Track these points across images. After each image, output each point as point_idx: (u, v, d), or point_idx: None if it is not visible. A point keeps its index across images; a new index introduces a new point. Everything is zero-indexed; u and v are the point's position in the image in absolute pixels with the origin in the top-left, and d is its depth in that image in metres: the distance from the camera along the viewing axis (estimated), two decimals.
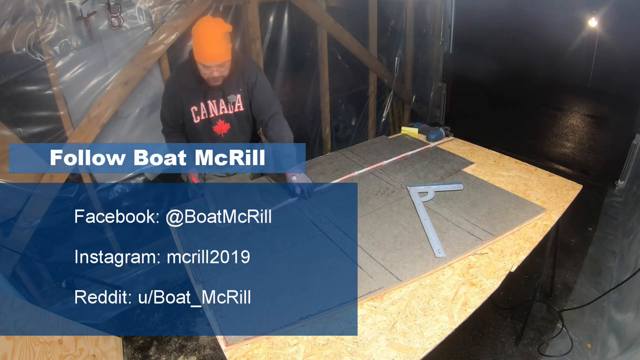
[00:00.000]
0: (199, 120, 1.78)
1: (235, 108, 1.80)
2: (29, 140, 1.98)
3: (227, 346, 1.07)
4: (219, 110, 1.79)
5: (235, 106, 1.80)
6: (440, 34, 3.86)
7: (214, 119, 1.80)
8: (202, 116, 1.78)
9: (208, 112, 1.78)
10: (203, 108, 1.76)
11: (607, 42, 3.03)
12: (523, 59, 3.58)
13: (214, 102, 1.76)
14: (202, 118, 1.78)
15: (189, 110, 1.76)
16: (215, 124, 1.81)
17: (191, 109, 1.76)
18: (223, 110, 1.79)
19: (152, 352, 2.06)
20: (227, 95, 1.76)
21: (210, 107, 1.77)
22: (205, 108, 1.77)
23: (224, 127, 1.83)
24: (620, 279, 2.11)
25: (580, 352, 1.87)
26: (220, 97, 1.76)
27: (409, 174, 1.95)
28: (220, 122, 1.81)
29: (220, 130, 1.83)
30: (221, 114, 1.80)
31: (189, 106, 1.75)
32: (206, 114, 1.78)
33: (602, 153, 3.47)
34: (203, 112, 1.77)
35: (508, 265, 1.33)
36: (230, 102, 1.78)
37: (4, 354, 1.41)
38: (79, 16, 1.89)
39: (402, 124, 3.95)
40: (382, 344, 1.06)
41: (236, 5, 2.45)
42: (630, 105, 3.05)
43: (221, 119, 1.81)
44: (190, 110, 1.76)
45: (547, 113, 3.74)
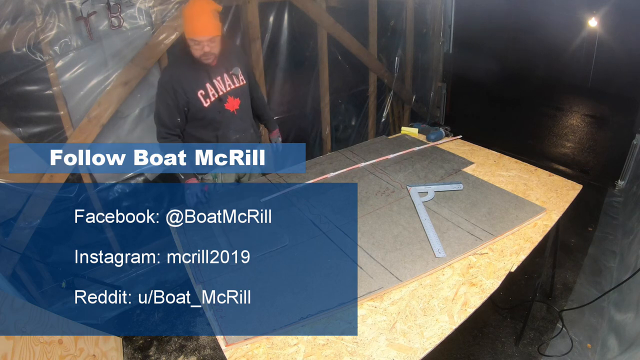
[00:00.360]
0: (209, 103, 1.77)
1: (239, 81, 1.84)
2: (29, 140, 1.98)
3: (227, 346, 1.07)
4: (226, 86, 1.80)
5: (239, 79, 1.84)
6: (440, 34, 3.86)
7: (224, 96, 1.80)
8: (211, 97, 1.77)
9: (216, 90, 1.78)
10: (210, 88, 1.76)
11: (607, 42, 3.03)
12: (523, 59, 3.58)
13: (218, 79, 1.77)
14: (211, 100, 1.77)
15: (195, 97, 1.74)
16: (225, 101, 1.81)
17: (198, 94, 1.74)
18: (230, 86, 1.81)
19: (152, 352, 2.06)
20: (230, 70, 1.80)
21: (217, 85, 1.77)
22: (212, 88, 1.77)
23: (235, 103, 1.84)
24: (620, 279, 2.10)
25: (580, 352, 1.87)
26: (223, 72, 1.78)
27: (409, 174, 1.95)
28: (230, 98, 1.82)
29: (232, 107, 1.83)
30: (229, 90, 1.81)
31: (195, 92, 1.74)
32: (215, 94, 1.78)
33: (602, 153, 3.47)
34: (211, 92, 1.77)
35: (508, 265, 1.33)
36: (234, 74, 1.81)
37: (4, 354, 1.41)
38: (79, 16, 1.89)
39: (402, 124, 3.95)
40: (382, 344, 1.06)
41: (236, 5, 2.45)
42: (630, 105, 3.05)
43: (230, 95, 1.81)
44: (197, 95, 1.74)
45: (547, 113, 3.74)
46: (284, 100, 2.97)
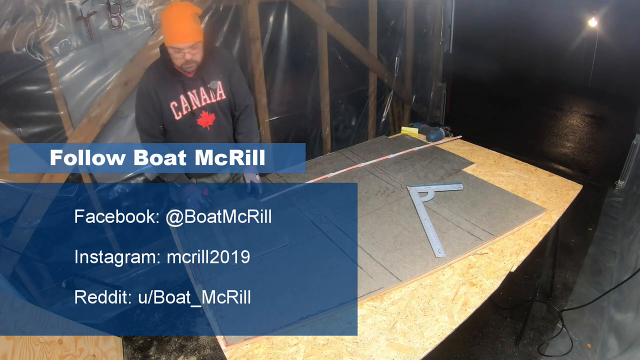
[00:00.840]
0: (181, 117, 1.67)
1: (217, 96, 1.70)
2: (29, 140, 1.98)
3: (227, 346, 1.07)
4: (201, 100, 1.68)
5: (217, 94, 1.70)
6: (440, 34, 3.86)
7: (197, 111, 1.68)
8: (183, 111, 1.66)
9: (190, 104, 1.66)
10: (184, 101, 1.65)
11: (607, 42, 3.03)
12: (523, 59, 3.58)
13: (194, 92, 1.65)
14: (183, 113, 1.67)
15: (167, 107, 1.64)
16: (199, 116, 1.69)
17: (170, 105, 1.64)
18: (205, 100, 1.69)
19: (152, 352, 2.06)
20: (208, 83, 1.67)
21: (191, 98, 1.66)
22: (186, 101, 1.65)
23: (209, 119, 1.72)
24: (620, 279, 2.10)
25: (580, 352, 1.87)
26: (200, 85, 1.66)
27: (409, 174, 1.95)
28: (204, 113, 1.70)
29: (205, 123, 1.72)
30: (204, 105, 1.69)
31: (168, 103, 1.64)
32: (188, 107, 1.66)
33: (602, 153, 3.47)
34: (184, 105, 1.66)
35: (508, 265, 1.33)
36: (212, 88, 1.67)
37: (4, 354, 1.41)
38: (79, 16, 1.89)
39: (402, 124, 3.94)
40: (382, 344, 1.06)
41: (236, 5, 2.45)
42: (630, 105, 3.05)
43: (205, 110, 1.70)
44: (169, 107, 1.64)
45: (547, 113, 3.74)
46: (284, 100, 2.96)
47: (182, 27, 1.50)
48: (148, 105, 1.65)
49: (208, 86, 1.67)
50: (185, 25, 1.50)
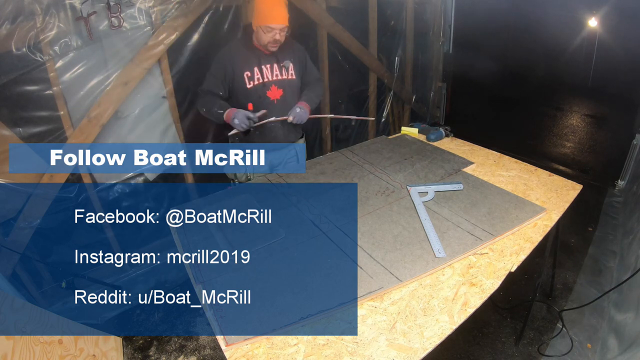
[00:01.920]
0: (252, 85, 1.86)
1: (288, 75, 1.90)
2: (29, 140, 1.98)
3: (227, 346, 1.07)
4: (273, 75, 1.88)
5: (289, 73, 1.90)
6: (440, 34, 3.86)
7: (268, 84, 1.88)
8: (255, 81, 1.86)
9: (262, 76, 1.86)
10: (257, 72, 1.85)
11: (607, 42, 3.03)
12: (523, 59, 3.58)
13: (267, 66, 1.86)
14: (255, 83, 1.86)
15: (241, 75, 1.84)
16: (269, 88, 1.89)
17: (244, 74, 1.84)
18: (277, 76, 1.89)
19: (152, 352, 2.06)
20: (281, 62, 1.86)
21: (264, 72, 1.86)
22: (259, 72, 1.86)
23: (277, 93, 1.91)
24: (620, 279, 2.10)
25: (580, 352, 1.87)
26: (274, 62, 1.87)
27: (409, 174, 1.95)
28: (274, 87, 1.89)
29: (273, 96, 1.90)
30: (275, 79, 1.89)
31: (242, 71, 1.83)
32: (260, 79, 1.86)
33: (602, 153, 3.46)
34: (257, 76, 1.86)
35: (508, 265, 1.33)
36: (284, 67, 1.88)
37: (4, 354, 1.41)
38: (79, 16, 1.89)
39: (402, 124, 3.94)
40: (382, 344, 1.06)
41: (236, 5, 2.45)
42: (630, 105, 3.05)
43: (274, 85, 1.89)
44: (243, 75, 1.84)
45: (547, 113, 3.74)
46: None
47: (279, 11, 1.77)
48: (220, 74, 1.86)
49: (281, 64, 1.89)
50: (281, 9, 1.78)
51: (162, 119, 2.39)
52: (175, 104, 2.40)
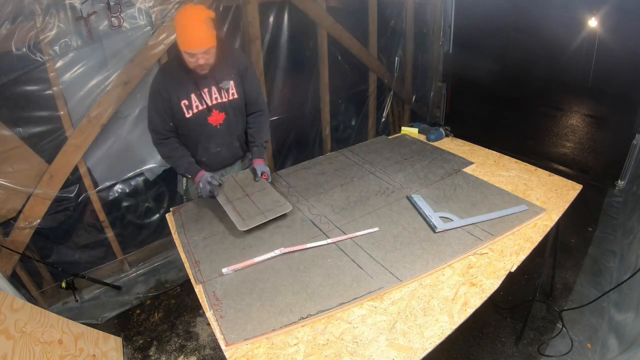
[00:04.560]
0: (191, 114, 1.67)
1: (229, 95, 1.72)
2: (29, 140, 1.98)
3: (227, 346, 1.07)
4: (212, 99, 1.69)
5: (230, 93, 1.72)
6: (440, 34, 3.86)
7: (208, 110, 1.70)
8: (194, 109, 1.67)
9: (200, 102, 1.67)
10: (195, 99, 1.66)
11: (607, 42, 3.03)
12: (523, 59, 3.58)
13: (205, 91, 1.66)
14: (194, 111, 1.68)
15: (178, 105, 1.65)
16: (210, 114, 1.71)
17: (181, 104, 1.65)
18: (217, 99, 1.70)
19: (152, 352, 2.06)
20: (220, 83, 1.68)
21: (203, 96, 1.67)
22: (197, 99, 1.66)
23: (219, 117, 1.74)
24: (620, 279, 2.10)
25: (580, 352, 1.87)
26: (212, 84, 1.67)
27: (409, 174, 1.94)
28: (215, 112, 1.71)
29: (215, 121, 1.74)
30: (215, 103, 1.70)
31: (179, 101, 1.64)
32: (199, 106, 1.68)
33: (602, 153, 3.47)
34: (195, 103, 1.67)
35: (508, 265, 1.33)
36: (223, 88, 1.69)
37: (4, 354, 1.41)
38: (79, 16, 1.89)
39: (402, 124, 3.95)
40: (382, 344, 1.06)
41: (236, 5, 2.45)
42: (630, 105, 3.05)
43: (215, 109, 1.71)
44: (180, 105, 1.65)
45: (547, 113, 3.74)
46: (284, 100, 2.97)
47: (196, 33, 1.49)
48: (159, 105, 1.65)
49: (220, 85, 1.68)
50: (199, 31, 1.49)
51: None
52: None
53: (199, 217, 1.71)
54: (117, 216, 2.48)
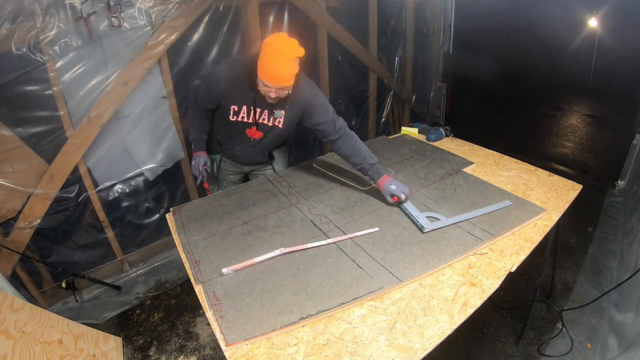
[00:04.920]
0: (235, 120, 1.73)
1: (275, 122, 1.75)
2: (29, 140, 1.98)
3: (227, 346, 1.07)
4: (260, 118, 1.73)
5: (277, 121, 1.74)
6: (440, 34, 3.86)
7: (251, 124, 1.75)
8: (239, 117, 1.72)
9: (248, 116, 1.72)
10: (244, 111, 1.70)
11: (607, 42, 3.04)
12: (523, 59, 3.59)
13: (258, 110, 1.70)
14: (238, 119, 1.73)
15: (228, 106, 1.70)
16: (250, 127, 1.77)
17: (231, 107, 1.69)
18: (263, 120, 1.74)
19: (152, 352, 2.06)
20: (274, 109, 1.70)
21: (251, 113, 1.71)
22: (246, 112, 1.71)
23: (257, 134, 1.80)
24: (620, 279, 2.11)
25: (580, 352, 1.87)
26: (267, 108, 1.70)
27: (409, 174, 1.94)
28: (255, 128, 1.77)
29: (252, 135, 1.80)
30: (260, 122, 1.75)
31: (230, 103, 1.69)
32: (245, 117, 1.72)
33: (602, 153, 3.47)
34: (242, 115, 1.71)
35: (508, 265, 1.33)
36: (275, 116, 1.72)
37: (4, 354, 1.41)
38: (79, 16, 1.89)
39: (402, 124, 3.95)
40: (382, 344, 1.06)
41: (236, 5, 2.45)
42: (630, 105, 3.06)
43: (256, 126, 1.76)
44: (229, 106, 1.69)
45: (547, 113, 3.74)
46: None
47: (282, 72, 1.47)
48: (213, 90, 1.70)
49: (272, 110, 1.71)
50: (286, 69, 1.47)
51: (162, 119, 2.39)
52: (175, 104, 2.40)
53: (199, 217, 1.71)
54: (117, 216, 2.48)
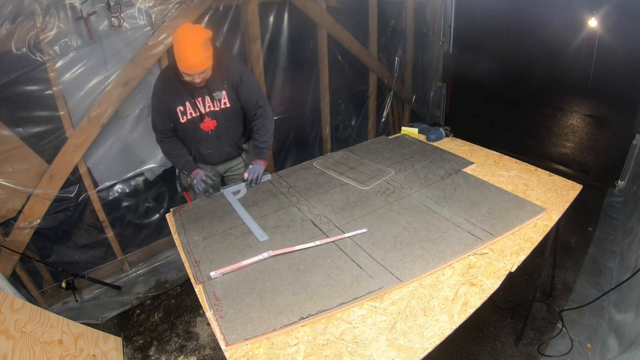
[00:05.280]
0: (186, 120, 1.80)
1: (221, 104, 1.82)
2: (29, 140, 1.98)
3: (227, 346, 1.07)
4: (205, 107, 1.80)
5: (222, 102, 1.81)
6: (440, 34, 3.86)
7: (201, 117, 1.81)
8: (188, 115, 1.79)
9: (194, 110, 1.79)
10: (189, 107, 1.77)
11: (607, 42, 3.04)
12: (523, 59, 3.59)
13: (199, 99, 1.77)
14: (188, 117, 1.80)
15: (175, 110, 1.77)
16: (202, 121, 1.82)
17: (177, 109, 1.77)
18: (209, 107, 1.81)
19: (152, 352, 2.06)
20: (213, 92, 1.77)
21: (197, 105, 1.78)
22: (191, 107, 1.78)
23: (211, 124, 1.85)
24: (620, 279, 2.10)
25: (580, 352, 1.87)
26: (206, 94, 1.77)
27: (409, 174, 1.94)
28: (207, 119, 1.83)
29: (207, 127, 1.85)
30: (208, 111, 1.81)
31: (175, 106, 1.76)
32: (192, 113, 1.79)
33: (602, 153, 3.47)
34: (189, 110, 1.78)
35: (508, 265, 1.33)
36: (216, 98, 1.79)
37: (4, 354, 1.41)
38: (79, 16, 1.89)
39: (402, 124, 3.95)
40: (382, 344, 1.06)
41: (236, 5, 2.45)
42: (630, 105, 3.06)
43: (208, 116, 1.82)
44: (176, 110, 1.77)
45: (547, 113, 3.74)
46: (284, 100, 2.97)
47: (194, 57, 1.57)
48: (160, 107, 1.79)
49: (213, 95, 1.78)
50: (197, 54, 1.56)
51: None
52: None
53: (199, 217, 1.71)
54: (117, 216, 2.48)
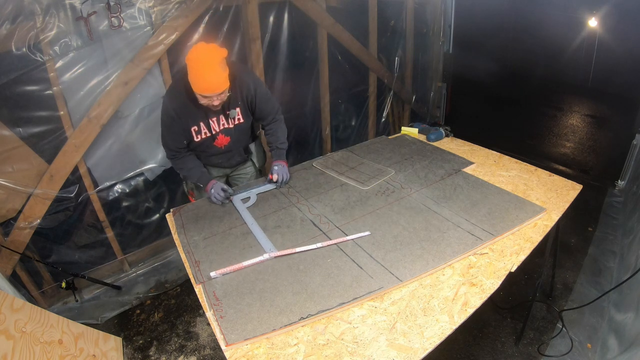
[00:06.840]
0: (200, 139, 1.78)
1: (235, 121, 1.80)
2: (29, 140, 1.98)
3: (227, 346, 1.07)
4: (220, 125, 1.78)
5: (236, 119, 1.80)
6: (440, 34, 3.86)
7: (215, 135, 1.80)
8: (202, 135, 1.77)
9: (209, 129, 1.77)
10: (204, 127, 1.75)
11: (607, 42, 3.03)
12: (523, 59, 3.58)
13: (214, 119, 1.75)
14: (202, 137, 1.77)
15: (189, 130, 1.74)
16: (216, 138, 1.82)
17: (192, 129, 1.74)
18: (224, 125, 1.79)
19: (152, 352, 2.06)
20: (228, 111, 1.75)
21: (211, 125, 1.76)
22: (205, 127, 1.75)
23: (224, 140, 1.84)
24: (620, 279, 2.11)
25: (580, 352, 1.87)
26: (220, 113, 1.75)
27: (409, 174, 1.94)
28: (221, 136, 1.82)
29: (220, 144, 1.85)
30: (222, 129, 1.80)
31: (189, 126, 1.73)
32: (207, 132, 1.77)
33: (602, 153, 3.47)
34: (204, 130, 1.76)
35: (508, 265, 1.33)
36: (231, 117, 1.77)
37: (4, 354, 1.41)
38: (79, 16, 1.89)
39: (402, 124, 3.95)
40: (382, 344, 1.06)
41: (236, 5, 2.45)
42: (630, 105, 3.05)
43: (222, 133, 1.81)
44: (190, 130, 1.74)
45: (547, 113, 3.74)
46: (284, 100, 2.97)
47: (213, 79, 1.49)
48: (173, 127, 1.71)
49: (227, 113, 1.75)
50: (216, 76, 1.48)
51: None
52: None
53: (199, 217, 1.71)
54: (117, 216, 2.48)
